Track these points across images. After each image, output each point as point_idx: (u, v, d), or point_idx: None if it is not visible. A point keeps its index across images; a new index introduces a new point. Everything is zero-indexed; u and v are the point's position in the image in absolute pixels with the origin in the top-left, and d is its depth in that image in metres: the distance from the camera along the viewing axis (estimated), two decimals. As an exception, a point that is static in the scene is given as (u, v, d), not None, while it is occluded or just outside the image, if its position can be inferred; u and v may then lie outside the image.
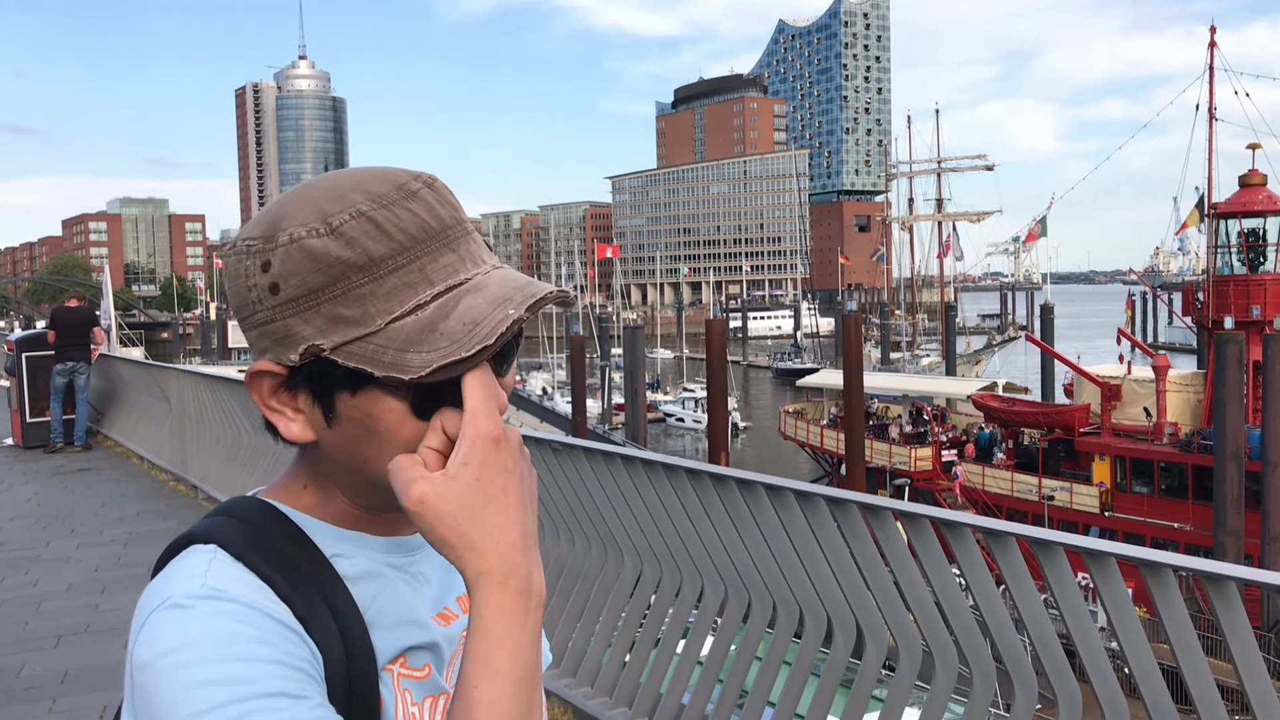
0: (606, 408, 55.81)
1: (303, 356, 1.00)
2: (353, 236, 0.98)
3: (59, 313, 15.40)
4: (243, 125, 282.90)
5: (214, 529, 1.03)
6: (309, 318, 1.00)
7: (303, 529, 1.06)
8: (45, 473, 13.16)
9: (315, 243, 0.98)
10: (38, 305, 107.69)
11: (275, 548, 1.02)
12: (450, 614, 1.13)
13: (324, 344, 0.99)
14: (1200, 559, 3.02)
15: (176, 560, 1.01)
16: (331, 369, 1.00)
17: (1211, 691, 2.96)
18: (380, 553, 1.09)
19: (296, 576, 1.00)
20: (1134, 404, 30.23)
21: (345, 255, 0.98)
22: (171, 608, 0.94)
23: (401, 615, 1.07)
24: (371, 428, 1.01)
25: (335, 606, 1.01)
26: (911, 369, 59.52)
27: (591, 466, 5.12)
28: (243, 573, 0.98)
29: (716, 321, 41.92)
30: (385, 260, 0.98)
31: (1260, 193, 29.81)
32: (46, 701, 5.67)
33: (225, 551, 1.00)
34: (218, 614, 0.93)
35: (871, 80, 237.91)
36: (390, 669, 1.04)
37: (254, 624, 0.93)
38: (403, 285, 0.98)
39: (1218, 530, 25.08)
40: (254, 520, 1.04)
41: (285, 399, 1.04)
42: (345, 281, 0.98)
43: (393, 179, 1.02)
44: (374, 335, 0.98)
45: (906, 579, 3.76)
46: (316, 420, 1.03)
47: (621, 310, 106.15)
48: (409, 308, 0.98)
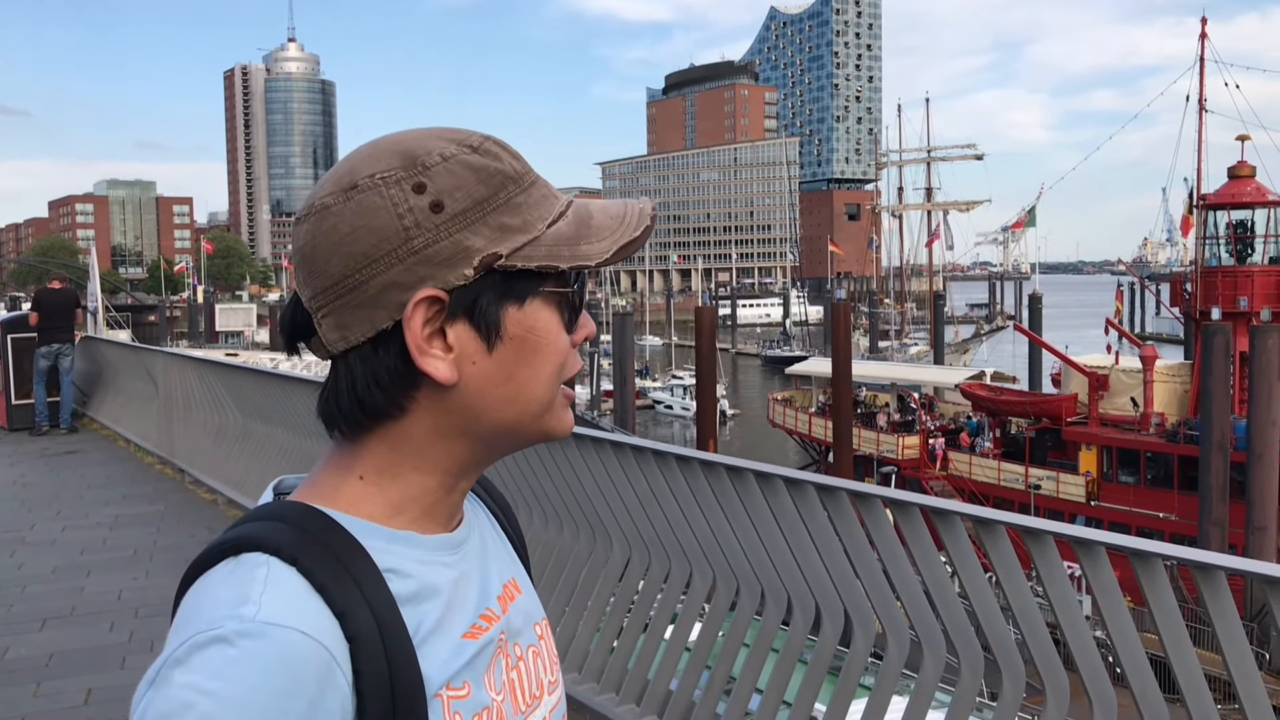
0: (595, 394, 55.81)
1: (477, 269, 1.01)
2: (498, 154, 1.04)
3: (42, 294, 15.30)
4: (231, 108, 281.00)
5: (269, 534, 0.97)
6: (478, 229, 1.01)
7: (355, 535, 1.00)
8: (31, 455, 13.10)
9: (472, 158, 1.03)
10: (23, 287, 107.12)
11: (334, 555, 0.96)
12: (492, 616, 1.09)
13: (501, 250, 1.02)
14: (1190, 549, 3.02)
15: (232, 569, 0.94)
16: (499, 283, 1.02)
17: (1198, 680, 2.97)
18: (430, 551, 1.05)
19: (351, 590, 0.95)
20: (1121, 394, 30.36)
21: (500, 167, 1.03)
22: (215, 641, 0.88)
23: (448, 635, 1.03)
24: (534, 343, 1.04)
25: (386, 629, 0.95)
26: (900, 357, 59.63)
27: (580, 453, 5.11)
28: (298, 584, 0.93)
29: (706, 309, 41.96)
30: (524, 175, 1.05)
31: (1249, 184, 29.91)
32: (31, 684, 5.65)
33: (278, 558, 0.94)
34: (264, 670, 0.87)
35: (863, 68, 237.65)
36: (440, 695, 0.99)
37: (284, 693, 0.87)
38: (543, 197, 1.05)
39: (1202, 520, 25.23)
40: (307, 525, 0.98)
41: (438, 338, 1.02)
42: (505, 192, 1.03)
43: (456, 133, 1.06)
44: (538, 240, 1.03)
45: (895, 567, 3.76)
46: (470, 351, 1.02)
47: (611, 297, 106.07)
48: (555, 214, 1.05)
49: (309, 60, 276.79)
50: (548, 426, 1.07)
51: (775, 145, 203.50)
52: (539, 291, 1.03)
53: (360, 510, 1.03)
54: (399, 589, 0.99)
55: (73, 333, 14.90)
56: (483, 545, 1.15)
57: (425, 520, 1.06)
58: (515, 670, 1.11)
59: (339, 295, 1.00)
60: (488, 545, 1.16)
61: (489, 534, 1.19)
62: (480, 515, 1.20)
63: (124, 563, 7.99)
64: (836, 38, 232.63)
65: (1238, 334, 27.58)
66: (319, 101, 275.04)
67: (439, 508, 1.07)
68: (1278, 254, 29.60)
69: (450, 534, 1.09)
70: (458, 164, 1.01)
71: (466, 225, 1.00)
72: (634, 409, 44.25)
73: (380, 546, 1.00)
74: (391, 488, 1.04)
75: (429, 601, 1.02)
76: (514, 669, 1.11)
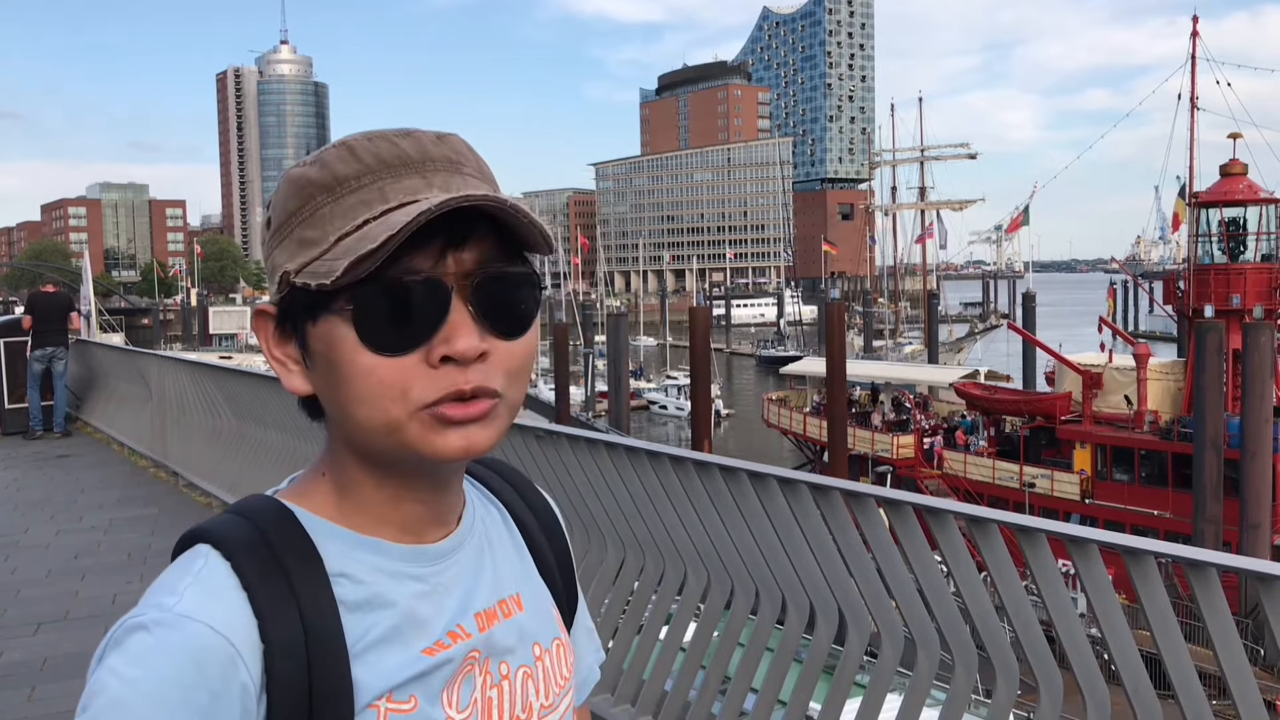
0: (590, 395, 55.79)
1: (279, 287, 1.00)
2: (327, 161, 0.99)
3: (35, 298, 15.29)
4: (224, 110, 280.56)
5: (220, 528, 1.00)
6: (286, 245, 1.00)
7: (313, 536, 1.01)
8: (24, 459, 13.07)
9: (296, 170, 1.01)
10: (16, 290, 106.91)
11: (273, 555, 0.98)
12: (461, 634, 1.06)
13: (291, 268, 0.99)
14: (1182, 545, 3.03)
15: (181, 559, 1.01)
16: (303, 299, 0.99)
17: (1191, 677, 2.98)
18: (399, 561, 1.04)
19: (283, 592, 0.96)
20: (1115, 392, 30.41)
21: (314, 176, 0.99)
22: (138, 628, 0.93)
23: (400, 647, 1.01)
24: (336, 361, 0.98)
25: (314, 636, 0.96)
26: (894, 357, 59.70)
27: (575, 454, 5.11)
28: (227, 578, 0.96)
29: (700, 309, 41.98)
30: (348, 180, 0.98)
31: (1240, 182, 29.96)
32: (25, 689, 5.64)
33: (218, 552, 0.98)
34: (169, 665, 0.91)
35: (855, 68, 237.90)
36: (377, 705, 0.98)
37: (187, 686, 0.90)
38: (359, 203, 0.97)
39: (1197, 517, 25.27)
40: (262, 523, 1.01)
41: (285, 349, 1.03)
42: (313, 203, 0.99)
43: (411, 128, 1.03)
44: (327, 253, 0.97)
45: (889, 566, 3.77)
46: (302, 366, 1.02)
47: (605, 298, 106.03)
48: (358, 223, 0.97)
49: (301, 62, 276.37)
50: (411, 447, 0.98)
51: (769, 145, 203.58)
52: (329, 308, 0.97)
53: (327, 510, 1.04)
54: (346, 595, 0.99)
55: (66, 336, 14.85)
56: (479, 560, 1.12)
57: (391, 528, 1.04)
58: (495, 689, 1.08)
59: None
60: (488, 560, 1.13)
61: (499, 548, 1.16)
62: (495, 528, 1.18)
63: (118, 567, 7.98)
64: (829, 37, 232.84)
65: (1230, 331, 27.63)
66: (312, 103, 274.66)
67: (397, 516, 1.05)
68: (1270, 251, 29.66)
69: (430, 545, 1.07)
70: (284, 179, 1.02)
71: (279, 241, 1.01)
72: (629, 410, 44.27)
73: (339, 550, 1.01)
74: (346, 489, 1.05)
75: (380, 611, 1.01)
76: (494, 688, 1.08)
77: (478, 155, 1.06)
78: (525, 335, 1.01)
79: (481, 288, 0.98)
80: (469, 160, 1.03)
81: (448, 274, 0.97)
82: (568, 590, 1.26)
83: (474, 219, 0.97)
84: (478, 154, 1.06)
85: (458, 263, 0.97)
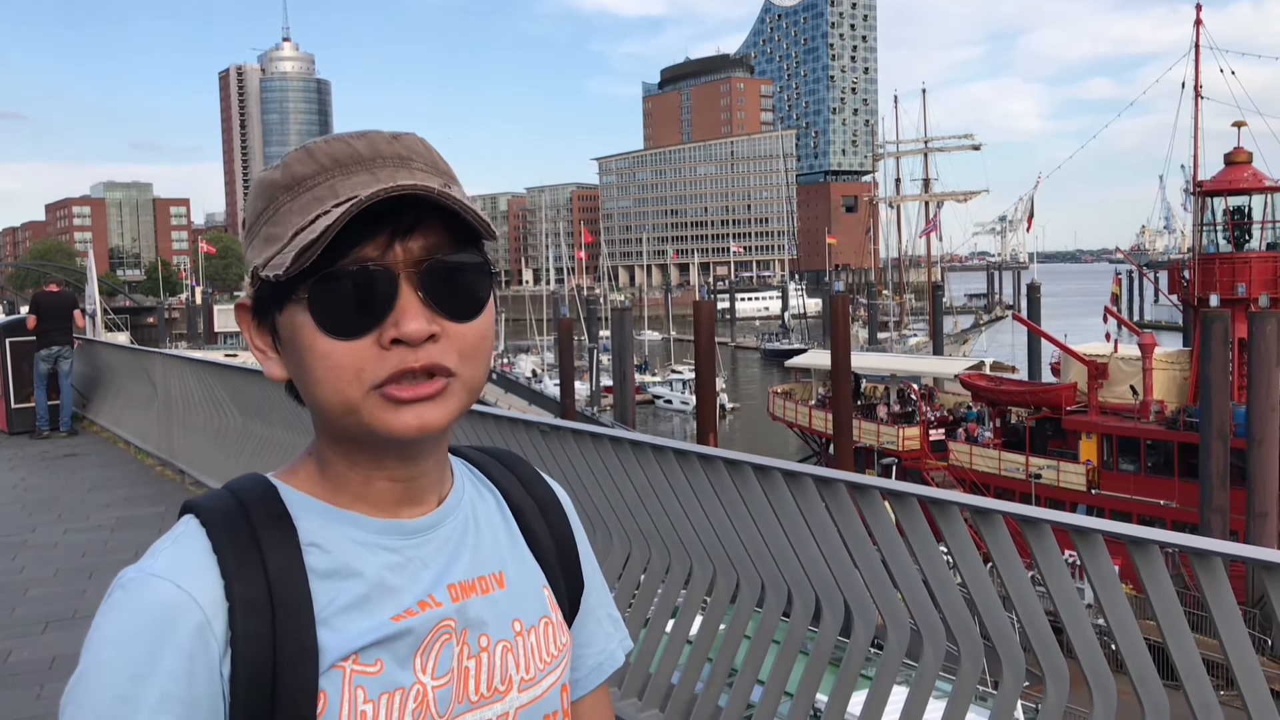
0: (595, 390, 55.81)
1: (252, 281, 1.09)
2: (288, 164, 1.08)
3: (39, 297, 15.33)
4: (226, 108, 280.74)
5: (204, 500, 1.10)
6: (255, 243, 1.09)
7: (291, 508, 1.09)
8: (31, 459, 13.10)
9: (263, 173, 1.10)
10: (21, 290, 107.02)
11: (248, 522, 1.06)
12: (431, 603, 1.11)
13: (258, 263, 1.07)
14: (1186, 535, 3.03)
15: (171, 529, 1.10)
16: (270, 291, 1.07)
17: (1197, 666, 2.97)
18: (373, 534, 1.10)
19: (251, 557, 1.04)
20: (1121, 382, 30.36)
21: (277, 178, 1.08)
22: (119, 586, 1.04)
23: (368, 613, 1.07)
24: (299, 346, 1.06)
25: (279, 598, 1.03)
26: (899, 349, 59.64)
27: (580, 448, 5.11)
28: (200, 544, 1.05)
29: (705, 303, 41.97)
30: (305, 179, 1.06)
31: (1245, 170, 29.87)
32: (34, 687, 5.66)
33: (198, 520, 1.07)
34: (138, 618, 1.01)
35: (858, 60, 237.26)
36: (342, 665, 1.04)
37: (152, 636, 1.00)
38: (313, 200, 1.05)
39: (1203, 506, 25.26)
40: (243, 495, 1.09)
41: (263, 339, 1.11)
42: (276, 202, 1.07)
43: (367, 130, 1.10)
44: (285, 246, 1.04)
45: (894, 557, 3.77)
46: (276, 353, 1.11)
47: (609, 292, 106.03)
48: (311, 218, 1.04)
49: (304, 59, 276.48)
50: (367, 425, 1.06)
51: (772, 138, 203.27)
52: (291, 298, 1.05)
53: (310, 487, 1.12)
54: (316, 563, 1.07)
55: (71, 335, 14.88)
56: (461, 537, 1.17)
57: (367, 504, 1.12)
58: (473, 660, 1.14)
59: None
60: (470, 539, 1.18)
61: (485, 529, 1.21)
62: (486, 510, 1.23)
63: (125, 565, 7.94)
64: (831, 29, 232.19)
65: (1236, 320, 27.57)
66: (314, 100, 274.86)
67: (371, 493, 1.12)
68: (1275, 240, 29.57)
69: (409, 520, 1.13)
70: (255, 180, 1.12)
71: (250, 240, 1.10)
72: (634, 404, 44.33)
73: (316, 522, 1.10)
74: (325, 468, 1.13)
75: (350, 579, 1.08)
76: (472, 659, 1.14)
77: (433, 152, 1.12)
78: (477, 319, 1.08)
79: (429, 273, 1.05)
80: (421, 156, 1.09)
81: (396, 261, 1.04)
82: (568, 575, 1.29)
83: (422, 210, 1.04)
84: (434, 151, 1.12)
85: (405, 251, 1.04)
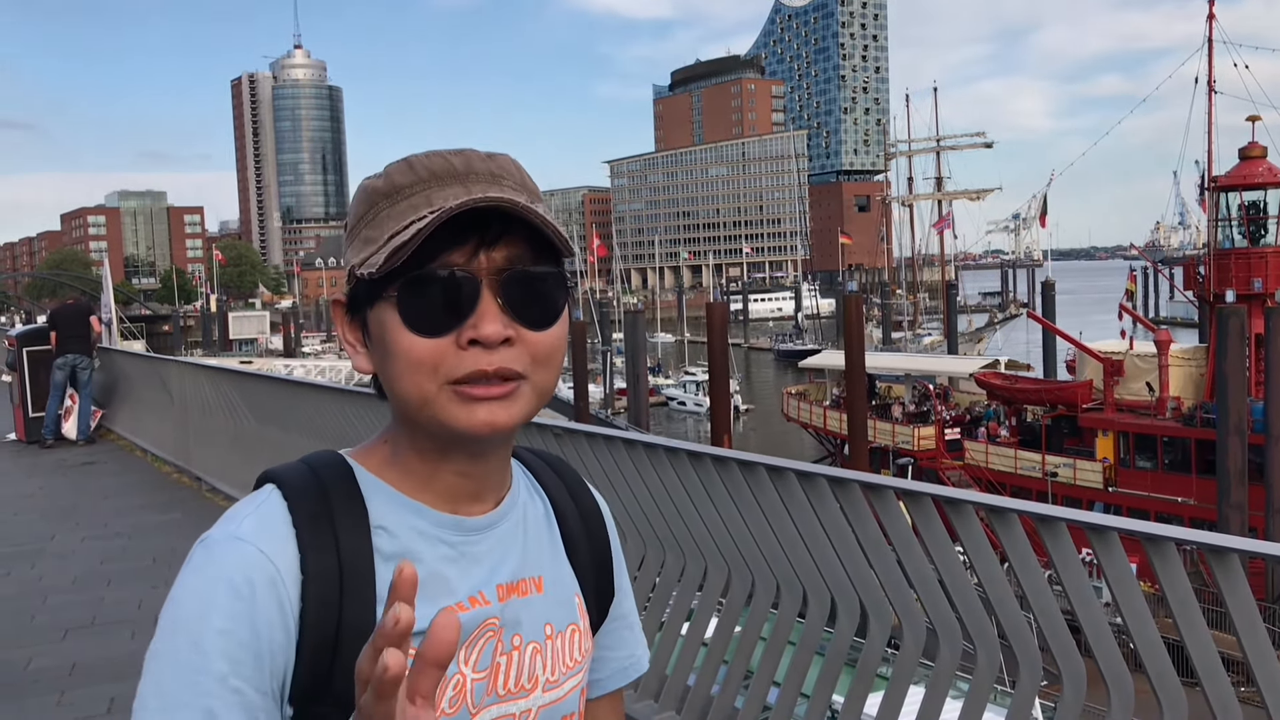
0: (609, 392, 55.82)
1: (349, 280, 1.17)
2: (390, 173, 1.16)
3: (55, 310, 15.64)
4: (239, 116, 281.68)
5: (285, 472, 1.18)
6: (355, 245, 1.16)
7: (363, 490, 1.16)
8: (48, 467, 13.18)
9: (367, 181, 1.18)
10: (38, 300, 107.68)
11: (326, 500, 1.14)
12: (481, 599, 1.18)
13: (355, 262, 1.14)
14: (1202, 532, 3.01)
15: (252, 494, 1.18)
16: (365, 290, 1.14)
17: (1215, 664, 2.96)
18: (435, 526, 1.17)
19: (326, 533, 1.12)
20: (1136, 379, 30.22)
21: (378, 185, 1.16)
22: (202, 544, 1.12)
23: (425, 600, 1.08)
24: (386, 342, 1.13)
25: (348, 576, 1.11)
26: (913, 348, 59.48)
27: (594, 451, 5.12)
28: (281, 515, 1.12)
29: (718, 304, 41.97)
30: (404, 189, 1.14)
31: (1260, 165, 29.72)
32: (54, 694, 5.69)
33: (280, 492, 1.15)
34: (219, 573, 1.08)
35: (869, 59, 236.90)
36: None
37: (234, 590, 1.06)
38: (409, 208, 1.12)
39: (1221, 504, 25.10)
40: (322, 473, 1.17)
41: (354, 333, 1.19)
42: (375, 208, 1.15)
43: (465, 148, 1.18)
44: (381, 249, 1.11)
45: (909, 558, 3.76)
46: (366, 348, 1.18)
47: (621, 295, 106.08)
48: (406, 223, 1.11)
49: (315, 66, 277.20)
50: (439, 419, 1.12)
51: (783, 138, 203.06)
52: (382, 296, 1.12)
53: (381, 470, 1.19)
54: (382, 544, 1.14)
55: (89, 344, 14.99)
56: (512, 538, 1.24)
57: (432, 495, 1.18)
58: (505, 657, 1.20)
59: None
60: (519, 541, 1.25)
61: (533, 533, 1.28)
62: (535, 514, 1.30)
63: (144, 572, 8.03)
64: (842, 29, 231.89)
65: (1252, 316, 27.42)
66: (326, 107, 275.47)
67: (437, 485, 1.18)
68: (1291, 234, 29.41)
69: (469, 518, 1.20)
70: (360, 187, 1.18)
71: (351, 242, 1.17)
72: (647, 406, 44.32)
73: (383, 505, 1.16)
74: (397, 455, 1.20)
75: (414, 565, 1.10)
76: (504, 655, 1.20)
77: (524, 173, 1.20)
78: (552, 327, 1.15)
79: (509, 282, 1.12)
80: (511, 175, 1.17)
81: (480, 269, 1.11)
82: (601, 585, 1.36)
83: (508, 223, 1.11)
84: (524, 172, 1.20)
85: (489, 260, 1.12)
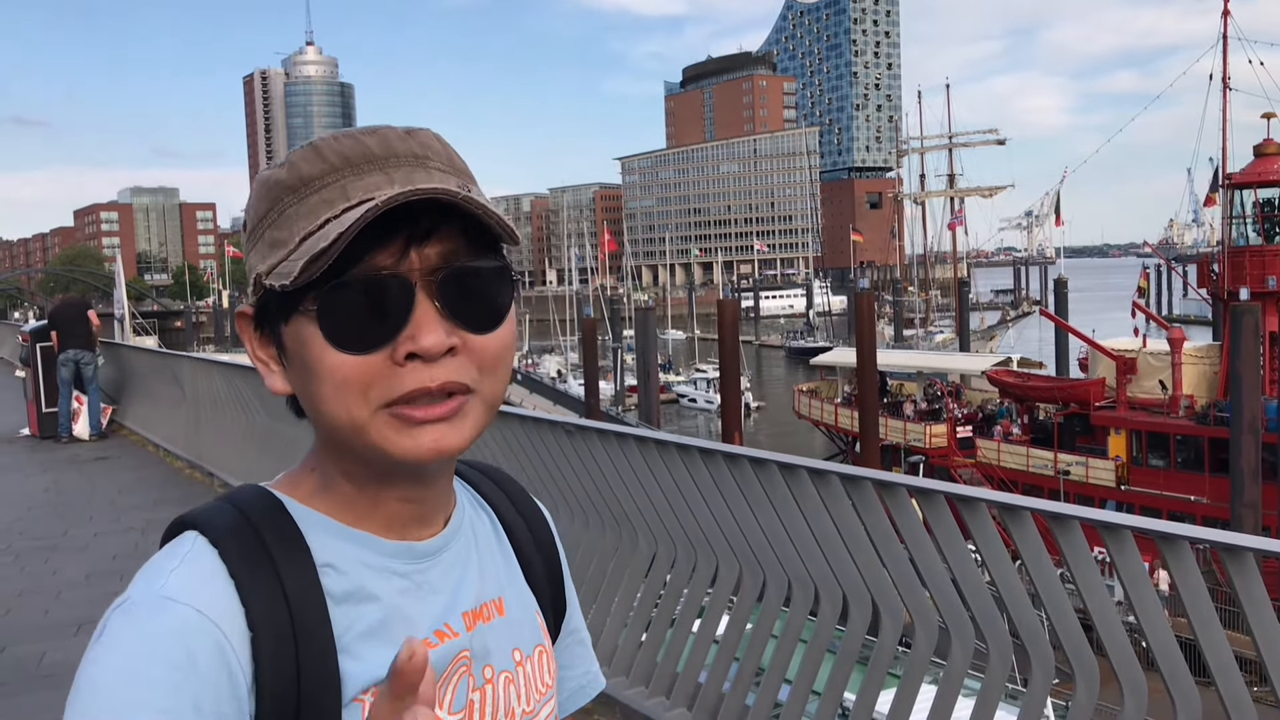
0: (619, 389, 55.86)
1: (255, 289, 1.00)
2: (294, 162, 0.99)
3: (53, 310, 15.80)
4: (251, 113, 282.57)
5: (207, 515, 1.00)
6: (258, 248, 1.00)
7: (301, 526, 1.00)
8: (62, 462, 13.24)
9: (266, 172, 1.01)
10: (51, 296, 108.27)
11: (261, 541, 0.97)
12: (449, 632, 1.05)
13: (262, 270, 0.98)
14: (1216, 530, 3.00)
15: (168, 545, 1.00)
16: (273, 300, 0.98)
17: (1229, 663, 2.95)
18: (384, 556, 1.03)
19: (269, 579, 0.95)
20: (1149, 377, 30.10)
21: (282, 177, 0.99)
22: (121, 611, 0.93)
23: (387, 642, 0.99)
24: (306, 360, 0.97)
25: (300, 624, 0.95)
26: (925, 345, 59.37)
27: (605, 448, 5.12)
28: (213, 564, 0.95)
29: (729, 301, 41.93)
30: (313, 180, 0.97)
31: (1275, 162, 29.54)
32: (67, 689, 5.69)
33: (205, 539, 0.97)
34: (147, 637, 0.90)
35: (881, 56, 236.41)
36: (362, 699, 0.97)
37: (170, 666, 0.89)
38: (322, 202, 0.96)
39: (1235, 502, 24.98)
40: (251, 510, 1.00)
41: (266, 350, 1.03)
42: (279, 205, 0.98)
43: (379, 125, 1.01)
44: (293, 253, 0.95)
45: (922, 555, 3.75)
46: (280, 365, 1.02)
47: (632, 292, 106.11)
48: (320, 222, 0.95)
49: (327, 63, 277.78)
50: (377, 447, 0.97)
51: (795, 135, 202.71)
52: (298, 308, 0.96)
53: (317, 503, 1.03)
54: (332, 586, 0.98)
55: (88, 338, 15.03)
56: (466, 560, 1.10)
57: (374, 524, 1.03)
58: (478, 693, 1.07)
59: None
60: (473, 561, 1.11)
61: (485, 551, 1.14)
62: (484, 531, 1.16)
63: (156, 567, 8.06)
64: (854, 25, 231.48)
65: (1266, 314, 27.29)
66: (338, 104, 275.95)
67: (379, 513, 1.03)
68: (1306, 232, 29.26)
69: (417, 542, 1.05)
70: (258, 180, 1.02)
71: (254, 244, 1.01)
72: (658, 403, 44.28)
73: (327, 542, 1.00)
74: (330, 484, 1.04)
75: (366, 604, 1.00)
76: (477, 691, 1.07)
77: (449, 149, 1.03)
78: (499, 329, 0.99)
79: (448, 282, 0.96)
80: (437, 154, 1.01)
81: (412, 270, 0.95)
82: (555, 600, 1.23)
83: (440, 213, 0.95)
84: (450, 148, 1.03)
85: (422, 258, 0.95)
